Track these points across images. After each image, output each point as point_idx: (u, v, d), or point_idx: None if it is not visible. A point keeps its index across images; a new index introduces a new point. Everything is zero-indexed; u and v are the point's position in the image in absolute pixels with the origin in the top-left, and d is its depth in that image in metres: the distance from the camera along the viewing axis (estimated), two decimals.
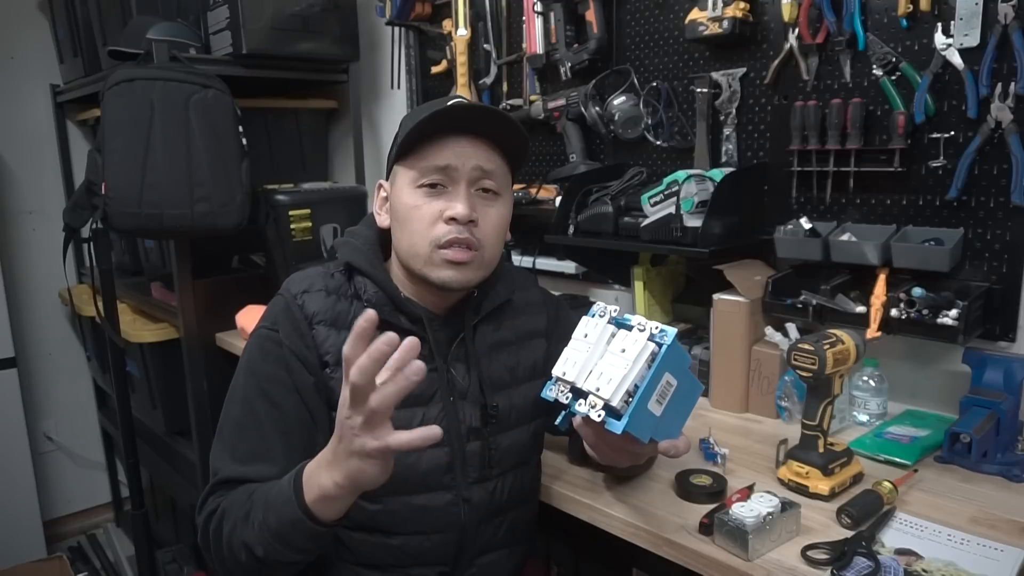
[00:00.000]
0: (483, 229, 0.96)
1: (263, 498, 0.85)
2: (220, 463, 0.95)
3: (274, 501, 0.83)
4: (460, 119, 0.94)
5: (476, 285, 1.00)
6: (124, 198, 1.66)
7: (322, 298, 0.98)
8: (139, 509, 2.22)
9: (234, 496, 0.90)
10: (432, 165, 0.94)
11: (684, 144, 1.58)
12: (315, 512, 0.79)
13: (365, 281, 0.99)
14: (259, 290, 2.03)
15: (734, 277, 1.34)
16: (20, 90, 2.62)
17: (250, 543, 0.84)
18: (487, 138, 0.95)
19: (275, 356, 0.96)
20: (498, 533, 1.03)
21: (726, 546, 0.88)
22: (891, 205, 1.31)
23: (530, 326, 1.10)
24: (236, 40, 1.93)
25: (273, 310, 1.00)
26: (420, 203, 0.95)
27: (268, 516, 0.83)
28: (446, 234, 0.94)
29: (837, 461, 1.02)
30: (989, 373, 1.17)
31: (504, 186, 0.99)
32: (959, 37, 1.18)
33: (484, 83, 1.96)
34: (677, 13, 1.55)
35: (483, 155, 0.95)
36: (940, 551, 0.87)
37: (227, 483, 0.93)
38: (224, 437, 0.97)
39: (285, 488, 0.82)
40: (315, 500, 0.79)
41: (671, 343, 0.77)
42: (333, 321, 0.97)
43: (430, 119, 0.92)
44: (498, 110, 1.01)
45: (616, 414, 0.76)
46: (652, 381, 0.77)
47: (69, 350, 2.84)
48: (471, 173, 0.95)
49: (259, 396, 0.96)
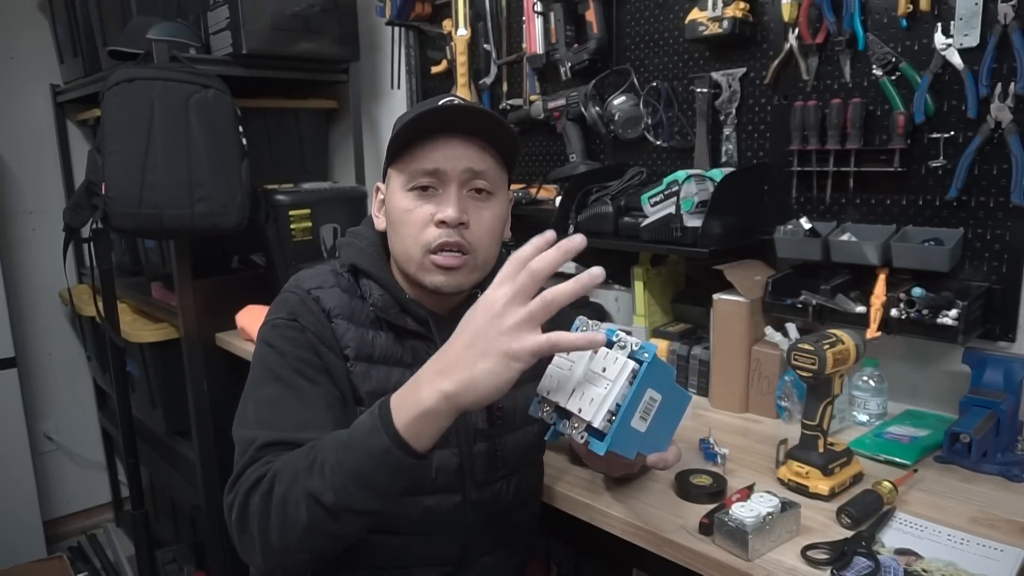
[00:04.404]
0: (475, 231, 0.95)
1: (333, 442, 0.78)
2: (256, 433, 0.86)
3: (351, 438, 0.76)
4: (448, 120, 0.94)
5: (475, 287, 1.00)
6: (124, 198, 1.66)
7: (337, 294, 0.97)
8: (139, 509, 2.21)
9: (289, 457, 0.81)
10: (421, 168, 0.94)
11: (684, 144, 1.58)
12: (407, 438, 0.73)
13: (370, 283, 0.99)
14: (259, 290, 2.03)
15: (734, 277, 1.34)
16: (20, 90, 2.62)
17: (317, 492, 0.75)
18: (477, 137, 0.95)
19: (301, 341, 0.94)
20: (502, 534, 1.03)
21: (726, 546, 0.88)
22: (891, 205, 1.31)
23: None
24: (236, 40, 1.93)
25: (287, 304, 0.97)
26: (411, 206, 0.95)
27: (344, 456, 0.75)
28: (437, 238, 0.93)
29: (837, 461, 1.02)
30: (989, 373, 1.17)
31: (498, 185, 0.98)
32: (959, 37, 1.18)
33: (484, 83, 1.96)
34: (677, 13, 1.55)
35: (473, 155, 0.94)
36: (940, 551, 0.87)
37: (272, 446, 0.85)
38: (255, 417, 0.90)
39: (366, 420, 0.76)
40: (410, 421, 0.73)
41: (651, 360, 0.76)
42: (350, 316, 0.96)
43: (416, 121, 0.92)
44: (485, 109, 1.01)
45: (600, 435, 0.76)
46: (634, 399, 0.76)
47: (69, 350, 2.84)
48: (462, 175, 0.94)
49: (293, 374, 0.92)
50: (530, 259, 0.73)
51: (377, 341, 0.97)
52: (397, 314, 0.97)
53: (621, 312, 1.78)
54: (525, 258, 0.73)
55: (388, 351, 0.97)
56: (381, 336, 0.97)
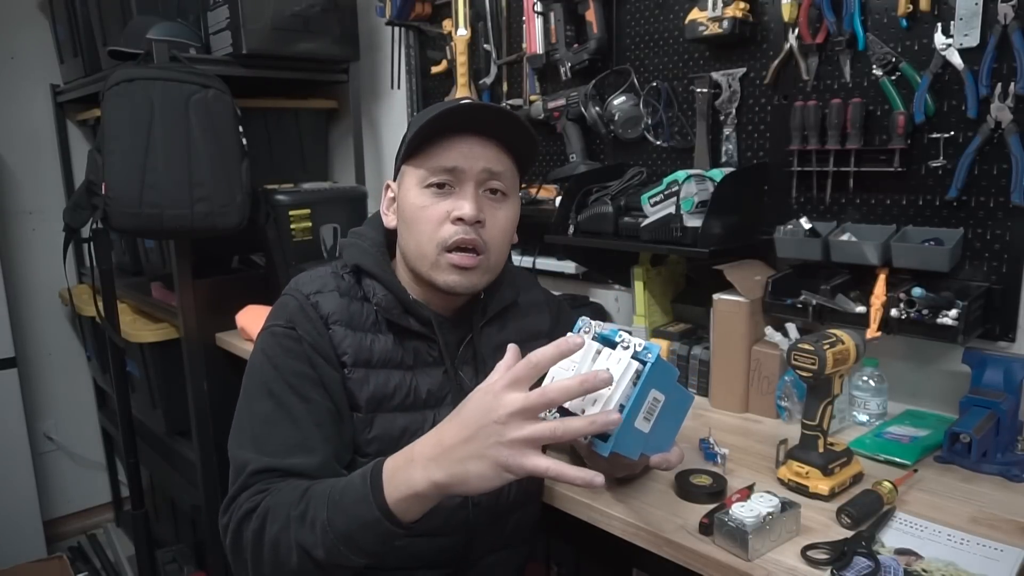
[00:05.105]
0: (490, 231, 0.95)
1: (324, 496, 0.80)
2: (249, 456, 0.90)
3: (342, 499, 0.79)
4: (470, 119, 0.94)
5: (483, 287, 1.00)
6: (124, 198, 1.66)
7: (336, 299, 0.97)
8: (139, 509, 2.22)
9: (281, 495, 0.84)
10: (440, 165, 0.93)
11: (684, 144, 1.58)
12: (396, 512, 0.76)
13: (373, 283, 0.98)
14: (259, 290, 2.03)
15: (734, 277, 1.34)
16: (20, 90, 2.62)
17: (307, 545, 0.79)
18: (496, 139, 0.95)
19: (296, 352, 0.94)
20: (503, 533, 1.04)
21: (726, 546, 0.88)
22: (891, 205, 1.31)
23: (534, 327, 1.10)
24: (236, 40, 1.93)
25: (286, 310, 0.97)
26: (427, 203, 0.94)
27: (335, 516, 0.78)
28: (453, 235, 0.93)
29: (837, 461, 1.02)
30: (989, 373, 1.17)
31: (512, 188, 0.99)
32: (959, 37, 1.17)
33: (484, 83, 1.96)
34: (677, 13, 1.55)
35: (492, 156, 0.95)
36: (940, 551, 0.87)
37: (263, 473, 0.88)
38: (250, 434, 0.92)
39: (357, 486, 0.78)
40: (400, 499, 0.76)
41: (655, 360, 0.76)
42: (348, 322, 0.96)
43: (439, 118, 0.91)
44: (508, 111, 1.01)
45: (604, 435, 0.76)
46: (638, 400, 0.76)
47: (69, 350, 2.84)
48: (479, 175, 0.94)
49: (286, 390, 0.93)
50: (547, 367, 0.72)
51: (376, 345, 0.97)
52: (400, 314, 0.97)
53: (621, 312, 1.78)
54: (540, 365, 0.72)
55: (388, 354, 0.97)
56: (380, 339, 0.97)
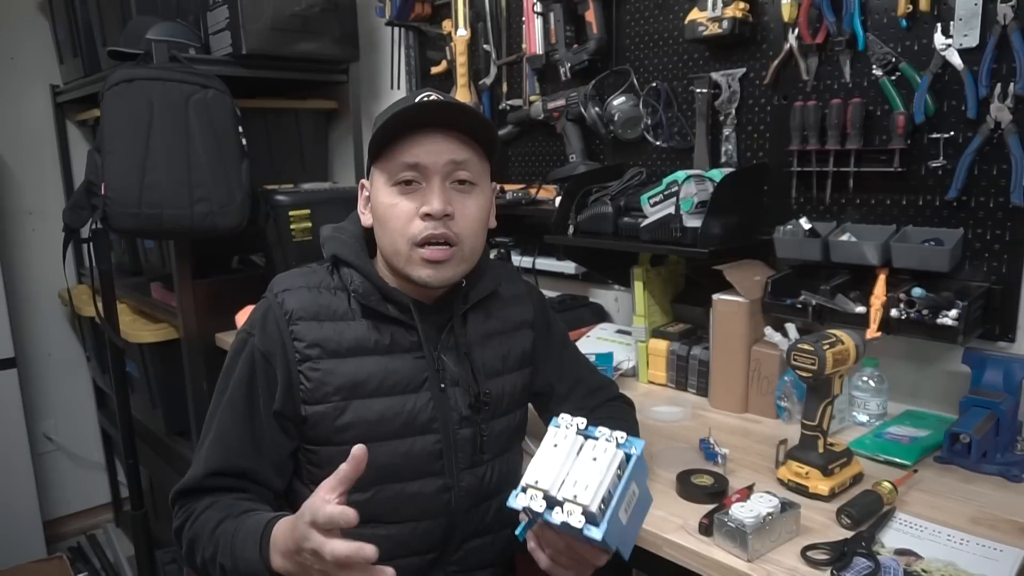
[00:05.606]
0: (460, 222, 0.97)
1: (228, 544, 0.87)
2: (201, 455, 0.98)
3: (243, 552, 0.85)
4: (424, 116, 0.95)
5: (461, 278, 1.02)
6: (124, 198, 1.66)
7: (303, 294, 1.00)
8: (139, 509, 2.21)
9: (202, 520, 0.92)
10: (403, 162, 0.95)
11: (684, 144, 1.58)
12: (279, 571, 0.82)
13: (352, 272, 1.01)
14: (259, 290, 1.97)
15: (734, 277, 1.34)
16: (20, 90, 2.62)
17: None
18: (457, 130, 0.96)
19: (247, 359, 0.99)
20: (486, 518, 1.05)
21: (726, 546, 0.88)
22: (891, 205, 1.31)
23: (518, 316, 1.12)
24: (236, 40, 1.93)
25: (255, 314, 1.03)
26: (396, 201, 0.97)
27: (233, 566, 0.86)
28: (423, 231, 0.95)
29: (837, 461, 1.02)
30: (989, 373, 1.17)
31: (480, 175, 1.00)
32: (958, 37, 1.18)
33: (484, 83, 1.96)
34: (677, 13, 1.55)
35: (454, 147, 0.96)
36: (940, 551, 0.87)
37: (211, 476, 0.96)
38: (206, 433, 1.00)
39: (251, 543, 0.84)
40: (278, 564, 0.82)
41: (640, 453, 0.78)
42: (315, 314, 0.99)
43: (394, 119, 0.94)
44: (460, 103, 1.02)
45: (594, 520, 0.75)
46: (624, 489, 0.77)
47: (69, 350, 2.84)
48: (444, 167, 0.96)
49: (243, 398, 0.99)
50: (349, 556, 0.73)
51: (347, 333, 0.99)
52: (378, 301, 0.99)
53: (621, 312, 1.78)
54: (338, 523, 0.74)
55: (361, 341, 0.99)
56: (352, 327, 0.99)
